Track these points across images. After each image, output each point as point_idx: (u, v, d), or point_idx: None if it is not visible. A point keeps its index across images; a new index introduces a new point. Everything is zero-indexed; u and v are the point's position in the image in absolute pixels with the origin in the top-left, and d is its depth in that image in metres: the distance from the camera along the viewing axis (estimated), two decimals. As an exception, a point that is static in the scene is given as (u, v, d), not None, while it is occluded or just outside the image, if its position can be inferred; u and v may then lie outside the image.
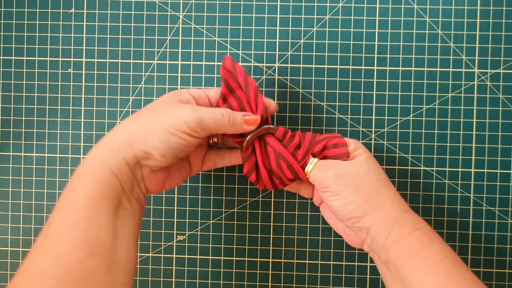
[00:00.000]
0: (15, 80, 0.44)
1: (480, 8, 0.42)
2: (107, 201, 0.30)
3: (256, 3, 0.42)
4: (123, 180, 0.31)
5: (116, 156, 0.31)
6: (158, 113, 0.33)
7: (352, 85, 0.42)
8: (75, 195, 0.30)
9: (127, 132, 0.32)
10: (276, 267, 0.43)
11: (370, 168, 0.35)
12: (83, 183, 0.30)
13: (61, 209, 0.29)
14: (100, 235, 0.29)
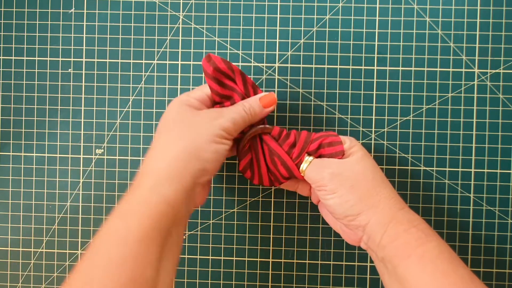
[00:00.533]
0: (15, 80, 0.44)
1: (480, 8, 0.42)
2: (159, 235, 0.29)
3: (256, 3, 0.42)
4: (179, 210, 0.30)
5: (175, 185, 0.30)
6: (192, 127, 0.32)
7: (352, 85, 0.42)
8: (126, 226, 0.28)
9: (178, 156, 0.31)
10: (276, 267, 0.43)
11: (366, 166, 0.35)
12: (136, 216, 0.29)
13: (110, 240, 0.28)
14: (146, 272, 0.28)
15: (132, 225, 0.28)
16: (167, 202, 0.29)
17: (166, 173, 0.30)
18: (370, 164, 0.35)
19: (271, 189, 0.43)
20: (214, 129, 0.32)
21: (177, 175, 0.30)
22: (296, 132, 0.37)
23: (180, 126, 0.33)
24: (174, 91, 0.43)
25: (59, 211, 0.44)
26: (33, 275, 0.44)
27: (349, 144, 0.36)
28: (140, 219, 0.29)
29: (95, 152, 0.44)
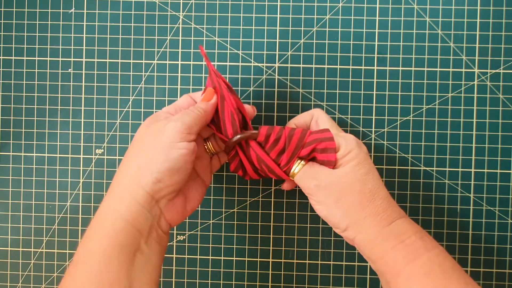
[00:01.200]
0: (15, 80, 0.44)
1: (480, 8, 0.42)
2: (121, 251, 0.29)
3: (256, 3, 0.42)
4: (139, 225, 0.30)
5: (127, 201, 0.30)
6: (145, 142, 0.32)
7: (352, 85, 0.42)
8: (87, 250, 0.29)
9: (129, 174, 0.31)
10: (276, 267, 0.43)
11: (354, 179, 0.33)
12: (96, 236, 0.30)
13: (75, 264, 0.29)
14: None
15: (92, 245, 0.29)
16: (123, 218, 0.30)
17: (119, 190, 0.31)
18: (360, 175, 0.33)
19: (271, 189, 0.43)
20: (162, 138, 0.31)
21: (129, 191, 0.31)
22: (288, 133, 0.34)
23: (137, 144, 0.33)
24: (174, 91, 0.43)
25: (59, 211, 0.44)
26: (33, 275, 0.44)
27: (343, 151, 0.34)
28: (100, 239, 0.29)
29: (95, 152, 0.44)
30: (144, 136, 0.33)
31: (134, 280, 0.29)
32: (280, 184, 0.43)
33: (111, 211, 0.30)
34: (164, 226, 0.32)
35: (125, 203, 0.30)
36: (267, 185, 0.43)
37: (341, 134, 0.35)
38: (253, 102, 0.43)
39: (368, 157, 0.34)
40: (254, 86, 0.43)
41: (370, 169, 0.34)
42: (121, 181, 0.32)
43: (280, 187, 0.42)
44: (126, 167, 0.32)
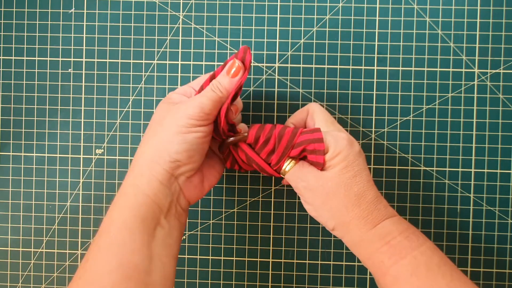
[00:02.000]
0: (15, 80, 0.44)
1: (480, 8, 0.42)
2: (142, 223, 0.30)
3: (256, 3, 0.42)
4: (159, 201, 0.31)
5: (147, 177, 0.31)
6: (162, 123, 0.33)
7: (352, 85, 0.42)
8: (110, 220, 0.31)
9: (148, 153, 0.32)
10: (276, 267, 0.43)
11: (340, 183, 0.33)
12: (118, 208, 0.31)
13: (99, 233, 0.31)
14: (133, 258, 0.29)
15: (114, 216, 0.31)
16: (143, 192, 0.31)
17: (139, 168, 0.32)
18: (347, 178, 0.33)
19: (271, 189, 0.43)
20: (179, 120, 0.32)
21: (148, 168, 0.32)
22: (278, 134, 0.34)
23: (154, 125, 0.34)
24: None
25: (59, 211, 0.44)
26: (33, 275, 0.44)
27: (331, 154, 0.33)
28: (121, 210, 0.31)
29: (95, 152, 0.44)
30: (161, 117, 0.34)
31: (154, 251, 0.30)
32: (280, 184, 0.43)
33: (132, 187, 0.32)
34: (183, 203, 0.34)
35: (145, 179, 0.31)
36: (267, 185, 0.43)
37: (333, 132, 0.34)
38: (253, 102, 0.43)
39: (358, 158, 0.33)
40: (254, 86, 0.43)
41: (358, 172, 0.33)
42: (140, 159, 0.33)
43: (281, 182, 0.42)
44: (144, 146, 0.33)
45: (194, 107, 0.32)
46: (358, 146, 0.34)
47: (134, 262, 0.29)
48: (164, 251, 0.31)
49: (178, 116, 0.32)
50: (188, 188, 0.34)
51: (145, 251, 0.30)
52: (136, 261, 0.29)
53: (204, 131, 0.33)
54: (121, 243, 0.29)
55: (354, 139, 0.35)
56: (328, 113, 0.37)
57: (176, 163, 0.32)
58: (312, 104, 0.38)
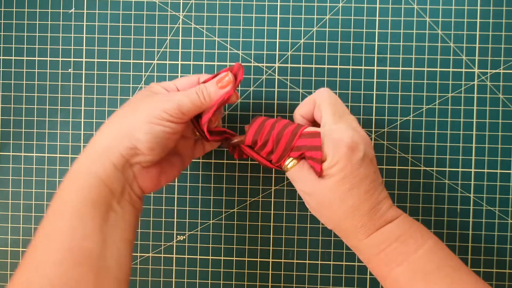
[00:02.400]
0: (15, 80, 0.44)
1: (480, 8, 0.42)
2: (93, 207, 0.29)
3: (256, 3, 0.42)
4: (111, 184, 0.30)
5: (102, 160, 0.30)
6: (135, 108, 0.32)
7: (352, 85, 0.42)
8: (60, 204, 0.29)
9: (110, 134, 0.31)
10: (276, 267, 0.43)
11: (335, 196, 0.32)
12: (68, 191, 0.30)
13: (48, 218, 0.29)
14: (85, 243, 0.28)
15: (65, 200, 0.29)
16: (96, 175, 0.30)
17: (95, 148, 0.31)
18: (342, 192, 0.31)
19: (271, 189, 0.43)
20: (153, 110, 0.31)
21: (105, 151, 0.30)
22: (276, 137, 0.33)
23: (126, 110, 0.33)
24: (174, 91, 0.43)
25: (59, 211, 0.44)
26: (33, 275, 0.44)
27: (329, 163, 0.31)
28: (71, 194, 0.29)
29: (95, 152, 0.44)
30: (135, 103, 0.33)
31: (107, 235, 0.29)
32: (281, 184, 0.43)
33: (84, 168, 0.30)
34: (137, 190, 0.32)
35: (99, 162, 0.30)
36: (267, 185, 0.43)
37: (335, 135, 0.32)
38: (253, 102, 0.43)
39: (358, 168, 0.31)
40: (254, 86, 0.43)
41: (356, 184, 0.31)
42: (99, 140, 0.31)
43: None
44: (108, 127, 0.32)
45: (172, 102, 0.31)
46: (362, 151, 0.32)
47: (85, 248, 0.28)
48: (118, 236, 0.30)
49: (152, 106, 0.31)
50: (143, 177, 0.32)
51: (98, 236, 0.29)
52: (87, 246, 0.28)
53: (174, 128, 0.32)
54: (71, 228, 0.28)
55: (360, 141, 0.32)
56: (338, 101, 0.34)
57: (135, 150, 0.31)
58: (320, 92, 0.35)
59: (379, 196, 0.32)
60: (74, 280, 0.27)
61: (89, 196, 0.29)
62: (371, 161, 0.33)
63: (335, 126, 0.33)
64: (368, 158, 0.32)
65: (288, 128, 0.33)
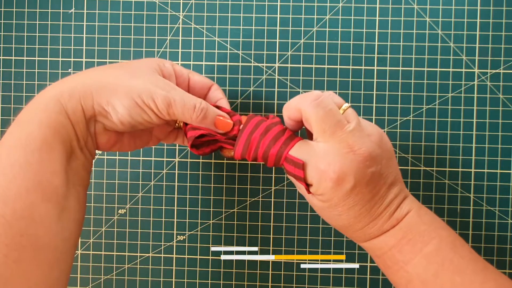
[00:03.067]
0: (15, 80, 0.44)
1: (480, 8, 0.42)
2: (61, 145, 0.28)
3: (256, 3, 0.42)
4: (78, 129, 0.29)
5: (75, 101, 0.28)
6: (132, 75, 0.30)
7: (352, 85, 0.42)
8: (27, 133, 0.27)
9: (92, 80, 0.29)
10: (276, 267, 0.43)
11: (325, 216, 0.32)
12: (37, 121, 0.27)
13: (11, 146, 0.27)
14: (53, 179, 0.27)
15: (32, 131, 0.27)
16: (66, 115, 0.28)
17: (72, 88, 0.29)
18: (332, 215, 0.31)
19: (271, 189, 0.43)
20: (144, 90, 0.29)
21: (82, 96, 0.29)
22: (263, 155, 0.31)
23: (124, 69, 0.31)
24: (174, 91, 0.43)
25: (59, 211, 0.44)
26: (33, 275, 0.44)
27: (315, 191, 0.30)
28: (40, 126, 0.27)
29: (95, 152, 0.44)
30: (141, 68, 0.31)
31: (69, 178, 0.28)
32: (281, 184, 0.43)
33: (56, 102, 0.28)
34: (94, 144, 0.31)
35: (72, 102, 0.28)
36: (267, 185, 0.43)
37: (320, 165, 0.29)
38: (253, 102, 0.43)
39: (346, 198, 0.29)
40: (254, 86, 0.43)
41: (344, 211, 0.30)
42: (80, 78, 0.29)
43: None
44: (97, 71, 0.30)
45: (166, 95, 0.30)
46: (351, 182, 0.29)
47: (53, 184, 0.27)
48: (78, 181, 0.29)
49: (146, 85, 0.29)
50: (101, 136, 0.31)
51: (64, 174, 0.28)
52: (55, 183, 0.27)
53: (152, 118, 0.30)
54: (40, 161, 0.27)
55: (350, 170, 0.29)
56: (330, 113, 0.30)
57: (106, 114, 0.29)
58: (305, 108, 0.30)
59: (378, 209, 0.30)
60: (39, 215, 0.26)
61: (58, 132, 0.28)
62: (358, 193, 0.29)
63: (323, 150, 0.29)
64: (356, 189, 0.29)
65: (272, 150, 0.31)
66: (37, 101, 0.29)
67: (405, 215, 0.31)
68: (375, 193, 0.30)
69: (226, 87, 0.43)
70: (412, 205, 0.31)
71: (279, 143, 0.31)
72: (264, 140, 0.31)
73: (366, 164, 0.29)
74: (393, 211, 0.31)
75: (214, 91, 0.36)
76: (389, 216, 0.30)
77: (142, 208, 0.44)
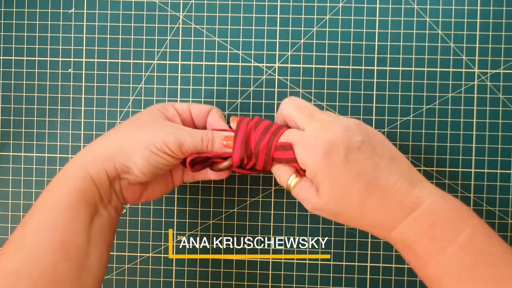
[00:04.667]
0: (15, 80, 0.44)
1: (480, 8, 0.42)
2: (86, 207, 0.31)
3: (256, 3, 0.42)
4: (102, 190, 0.32)
5: (98, 166, 0.32)
6: (142, 128, 0.33)
7: (352, 85, 0.42)
8: (55, 198, 0.31)
9: (111, 145, 0.33)
10: (276, 267, 0.43)
11: (339, 208, 0.31)
12: (64, 187, 0.31)
13: (41, 210, 0.31)
14: (76, 239, 0.30)
15: (60, 195, 0.31)
16: (91, 179, 0.31)
17: (95, 154, 0.32)
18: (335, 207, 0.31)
19: (271, 189, 0.43)
20: (155, 138, 0.32)
21: (103, 160, 0.32)
22: (254, 153, 0.33)
23: (133, 126, 0.34)
24: (174, 91, 0.43)
25: (59, 211, 0.44)
26: (33, 275, 0.44)
27: (309, 173, 0.31)
28: (68, 191, 0.31)
29: (95, 152, 0.44)
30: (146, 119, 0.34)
31: (92, 235, 0.31)
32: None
33: (81, 169, 0.32)
34: (121, 200, 0.35)
35: (95, 167, 0.32)
36: (267, 185, 0.43)
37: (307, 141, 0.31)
38: (253, 102, 0.43)
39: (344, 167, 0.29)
40: (254, 86, 0.43)
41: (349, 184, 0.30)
42: (100, 145, 0.33)
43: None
44: (114, 135, 0.34)
45: (176, 138, 0.32)
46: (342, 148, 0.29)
47: (75, 243, 0.30)
48: (101, 238, 0.32)
49: (157, 133, 0.32)
50: (127, 191, 0.34)
51: (86, 234, 0.30)
52: (77, 242, 0.30)
53: (170, 161, 0.33)
54: (65, 222, 0.30)
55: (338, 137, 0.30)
56: (304, 102, 0.33)
57: (128, 169, 0.32)
58: (282, 105, 0.34)
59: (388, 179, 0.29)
60: (62, 273, 0.29)
61: (83, 198, 0.31)
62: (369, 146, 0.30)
63: (308, 130, 0.32)
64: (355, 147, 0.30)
65: (262, 144, 0.33)
66: (66, 170, 0.32)
67: (428, 196, 0.29)
68: (375, 162, 0.30)
69: (226, 87, 0.43)
70: (433, 190, 0.30)
71: (268, 134, 0.33)
72: (254, 135, 0.33)
73: (350, 133, 0.30)
74: (408, 185, 0.29)
75: (211, 115, 0.37)
76: (406, 190, 0.29)
77: (142, 208, 0.44)
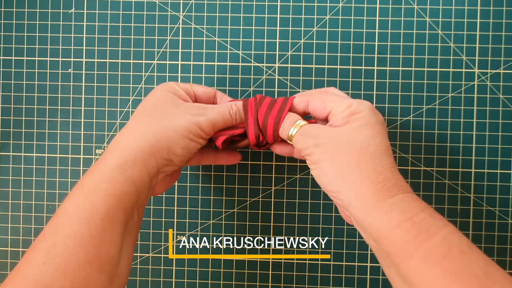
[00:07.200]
0: (15, 80, 0.44)
1: (480, 8, 0.42)
2: (123, 213, 0.29)
3: (256, 3, 0.42)
4: (142, 192, 0.31)
5: (139, 167, 0.30)
6: (169, 116, 0.32)
7: (352, 85, 0.42)
8: (92, 204, 0.28)
9: (148, 141, 0.31)
10: (276, 267, 0.43)
11: (356, 139, 0.29)
12: (102, 192, 0.29)
13: (74, 216, 0.28)
14: (110, 250, 0.29)
15: (97, 203, 0.28)
16: (132, 182, 0.30)
17: (133, 154, 0.30)
18: (364, 136, 0.29)
19: (271, 189, 0.43)
20: (190, 126, 0.32)
21: (144, 159, 0.30)
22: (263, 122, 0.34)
23: (158, 114, 0.32)
24: (174, 91, 0.43)
25: (59, 211, 0.44)
26: (33, 275, 0.44)
27: (353, 109, 0.31)
28: (106, 197, 0.29)
29: (95, 152, 0.44)
30: (168, 109, 0.33)
31: (124, 242, 0.30)
32: (281, 184, 0.43)
33: (121, 172, 0.30)
34: (151, 194, 0.34)
35: (137, 169, 0.30)
36: (267, 185, 0.43)
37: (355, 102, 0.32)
38: (253, 102, 0.43)
39: (381, 125, 0.31)
40: (254, 86, 0.43)
41: (379, 134, 0.30)
42: (135, 143, 0.31)
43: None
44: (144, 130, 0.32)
45: (207, 119, 0.32)
46: (382, 118, 0.32)
47: (110, 254, 0.28)
48: (130, 241, 0.31)
49: (187, 118, 0.32)
50: (161, 184, 0.34)
51: (120, 242, 0.29)
52: (112, 253, 0.29)
53: (203, 144, 0.33)
54: (101, 233, 0.28)
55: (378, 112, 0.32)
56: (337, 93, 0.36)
57: (169, 161, 0.32)
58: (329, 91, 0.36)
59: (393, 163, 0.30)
60: (94, 285, 0.27)
61: (121, 203, 0.29)
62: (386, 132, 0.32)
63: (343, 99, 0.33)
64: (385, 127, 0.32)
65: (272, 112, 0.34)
66: (101, 171, 0.30)
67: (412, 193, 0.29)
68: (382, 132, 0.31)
69: (226, 87, 0.43)
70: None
71: (276, 107, 0.34)
72: (260, 110, 0.34)
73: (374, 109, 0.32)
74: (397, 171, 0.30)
75: (220, 98, 0.38)
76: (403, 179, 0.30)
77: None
